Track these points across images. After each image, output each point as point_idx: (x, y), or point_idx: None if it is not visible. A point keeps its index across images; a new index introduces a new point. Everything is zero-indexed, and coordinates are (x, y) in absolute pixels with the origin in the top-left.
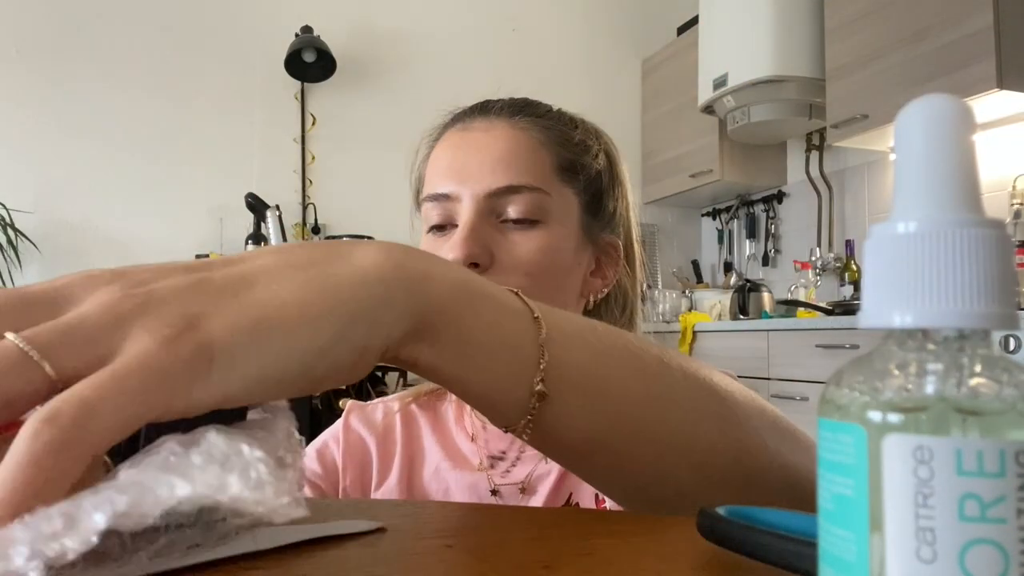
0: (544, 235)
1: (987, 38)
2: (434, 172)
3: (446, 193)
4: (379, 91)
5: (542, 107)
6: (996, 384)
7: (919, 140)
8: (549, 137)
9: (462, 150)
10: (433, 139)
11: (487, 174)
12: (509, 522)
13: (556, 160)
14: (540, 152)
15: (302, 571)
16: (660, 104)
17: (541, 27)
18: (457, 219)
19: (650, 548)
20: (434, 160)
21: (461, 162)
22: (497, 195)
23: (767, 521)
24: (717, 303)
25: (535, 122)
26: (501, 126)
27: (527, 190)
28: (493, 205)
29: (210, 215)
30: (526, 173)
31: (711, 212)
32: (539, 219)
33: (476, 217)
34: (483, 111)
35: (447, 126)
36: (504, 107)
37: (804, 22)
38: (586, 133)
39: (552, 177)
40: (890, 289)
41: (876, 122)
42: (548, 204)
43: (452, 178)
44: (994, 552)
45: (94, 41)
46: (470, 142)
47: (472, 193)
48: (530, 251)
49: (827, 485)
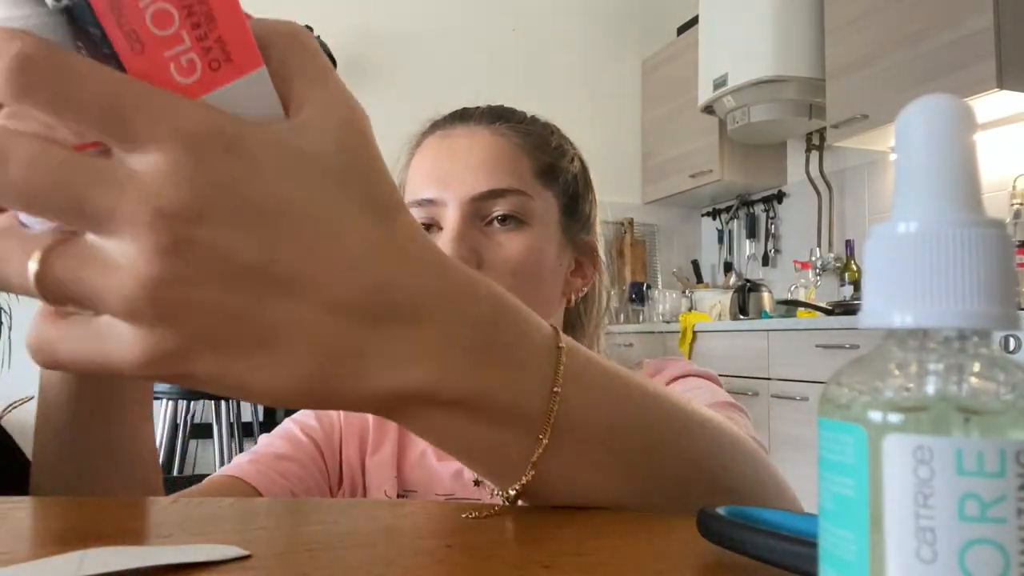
0: (529, 236)
1: (987, 38)
2: (417, 178)
3: (431, 198)
4: (379, 91)
5: (519, 114)
6: (996, 384)
7: (919, 140)
8: (528, 142)
9: (445, 156)
10: (413, 146)
11: (471, 178)
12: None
13: (536, 164)
14: (520, 156)
15: (302, 571)
16: (660, 104)
17: (541, 27)
18: (442, 222)
19: (650, 548)
20: (416, 167)
21: (444, 168)
22: (482, 199)
23: (767, 521)
24: (717, 303)
25: (514, 128)
26: (482, 132)
27: (510, 193)
28: (478, 208)
29: None
30: (509, 177)
31: (711, 212)
32: (523, 220)
33: (462, 220)
34: (463, 118)
35: (426, 133)
36: (483, 114)
37: (804, 22)
38: (561, 138)
39: (533, 180)
40: (890, 289)
41: (876, 122)
42: (531, 206)
43: (436, 183)
44: (994, 552)
45: None
46: (452, 148)
47: (457, 197)
48: (516, 251)
49: (827, 485)
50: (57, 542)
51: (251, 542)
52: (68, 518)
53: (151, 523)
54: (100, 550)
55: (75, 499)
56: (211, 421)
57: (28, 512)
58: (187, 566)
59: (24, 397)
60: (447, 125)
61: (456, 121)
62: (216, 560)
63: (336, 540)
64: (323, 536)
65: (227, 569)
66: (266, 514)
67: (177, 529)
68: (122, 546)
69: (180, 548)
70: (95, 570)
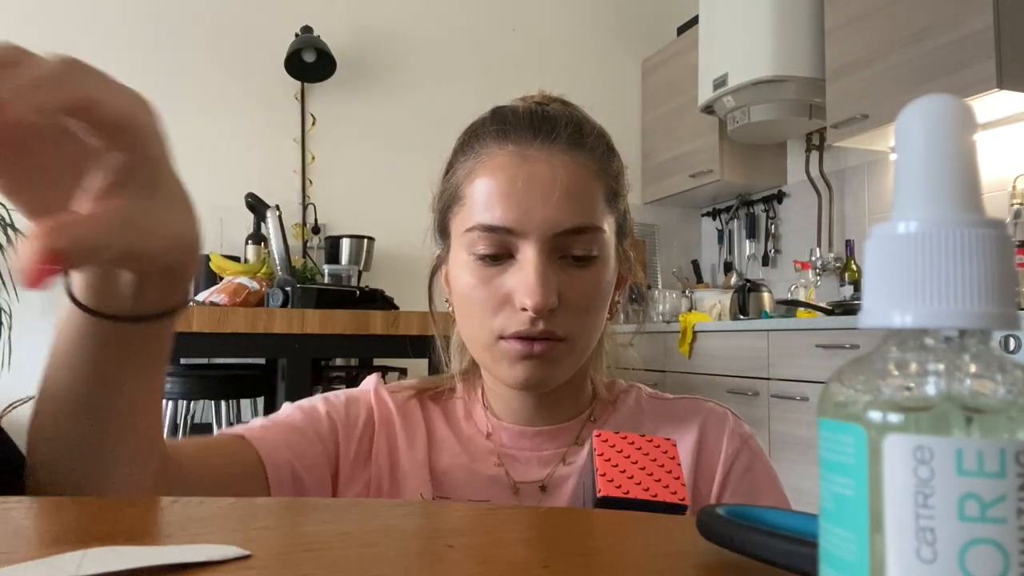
0: (598, 271)
1: (987, 38)
2: (489, 200)
3: (509, 228)
4: (379, 91)
5: (587, 126)
6: (996, 384)
7: (920, 140)
8: (600, 167)
9: (524, 182)
10: (478, 154)
11: (553, 213)
12: (509, 522)
13: (604, 191)
14: (595, 187)
15: (302, 571)
16: (660, 104)
17: (541, 27)
18: (515, 252)
19: (650, 548)
20: (486, 184)
21: (524, 196)
22: (564, 235)
23: (767, 521)
24: (717, 303)
25: (590, 154)
26: (562, 159)
27: (590, 230)
28: (557, 243)
29: (210, 215)
30: (588, 212)
31: (711, 212)
32: (596, 255)
33: (544, 257)
34: (541, 134)
35: (496, 140)
36: (560, 133)
37: (804, 22)
38: (618, 157)
39: (603, 209)
40: (890, 289)
41: (876, 122)
42: (603, 240)
43: (514, 212)
44: (994, 552)
45: (94, 41)
46: (531, 174)
47: (539, 232)
48: (588, 288)
49: (827, 485)
50: (57, 542)
51: (251, 542)
52: (68, 518)
53: (151, 523)
54: (100, 550)
55: (75, 499)
56: (211, 421)
57: (28, 512)
58: (187, 566)
59: (24, 397)
60: (523, 140)
61: (532, 136)
62: (216, 560)
63: (336, 540)
64: (323, 536)
65: (227, 569)
66: (266, 514)
67: (177, 529)
68: (122, 546)
69: (180, 548)
70: (95, 570)
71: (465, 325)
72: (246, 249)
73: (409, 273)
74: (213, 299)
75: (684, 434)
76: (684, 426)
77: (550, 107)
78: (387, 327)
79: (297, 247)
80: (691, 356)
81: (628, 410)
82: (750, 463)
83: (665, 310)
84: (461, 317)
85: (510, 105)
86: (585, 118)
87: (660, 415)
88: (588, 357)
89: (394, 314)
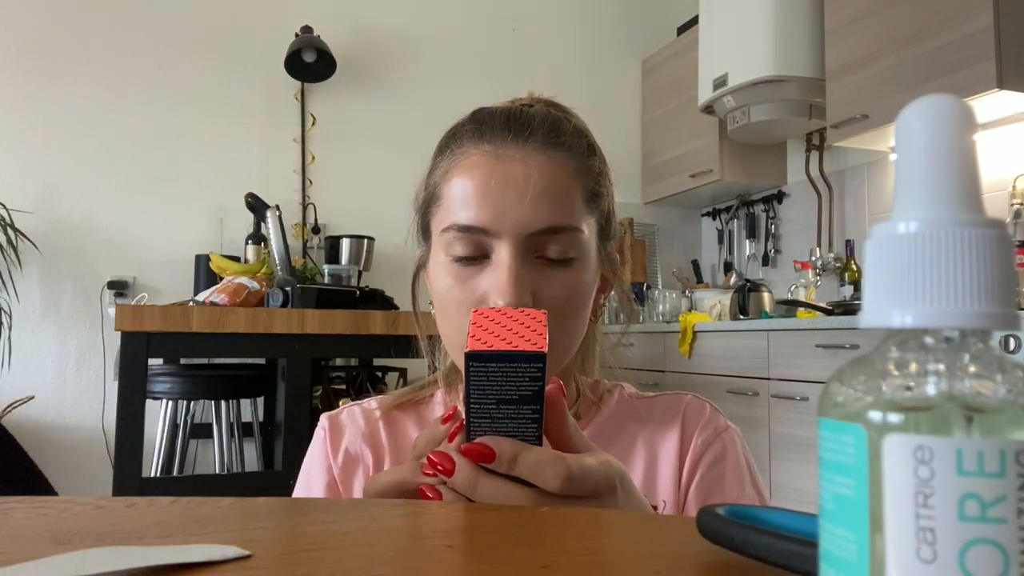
0: (576, 272)
1: (987, 38)
2: (464, 200)
3: (483, 228)
4: (379, 91)
5: (565, 125)
6: (996, 384)
7: (920, 140)
8: (578, 167)
9: (497, 181)
10: (454, 153)
11: (528, 213)
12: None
13: (584, 191)
14: (573, 186)
15: (302, 571)
16: (660, 104)
17: (541, 27)
18: (490, 252)
19: (650, 548)
20: (461, 184)
21: (498, 195)
22: (539, 234)
23: (767, 521)
24: (717, 303)
25: (567, 152)
26: (537, 158)
27: (565, 230)
28: (532, 243)
29: (210, 215)
30: (565, 212)
31: (711, 212)
32: (573, 256)
33: (519, 258)
34: (516, 134)
35: (472, 140)
36: (536, 131)
37: (804, 22)
38: (600, 157)
39: (582, 210)
40: (890, 289)
41: (876, 122)
42: (581, 240)
43: (490, 212)
44: (994, 552)
45: (94, 41)
46: (506, 173)
47: (514, 232)
48: (565, 289)
49: (827, 485)
50: (57, 542)
51: (251, 542)
52: (68, 518)
53: (151, 523)
54: (100, 550)
55: (75, 499)
56: (211, 421)
57: (28, 512)
58: (187, 566)
59: (24, 397)
60: (498, 139)
61: (507, 135)
62: (216, 560)
63: (336, 540)
64: (323, 536)
65: (227, 569)
66: (266, 514)
67: (177, 529)
68: (122, 546)
69: (180, 548)
70: (95, 570)
71: (443, 326)
72: (246, 249)
73: (409, 273)
74: (213, 299)
75: (667, 431)
76: (667, 423)
77: (532, 108)
78: (387, 327)
79: (297, 247)
80: (691, 356)
81: (611, 409)
82: (721, 455)
83: (665, 310)
84: (439, 318)
85: (491, 106)
86: (565, 118)
87: (643, 413)
88: (571, 359)
89: (394, 314)
